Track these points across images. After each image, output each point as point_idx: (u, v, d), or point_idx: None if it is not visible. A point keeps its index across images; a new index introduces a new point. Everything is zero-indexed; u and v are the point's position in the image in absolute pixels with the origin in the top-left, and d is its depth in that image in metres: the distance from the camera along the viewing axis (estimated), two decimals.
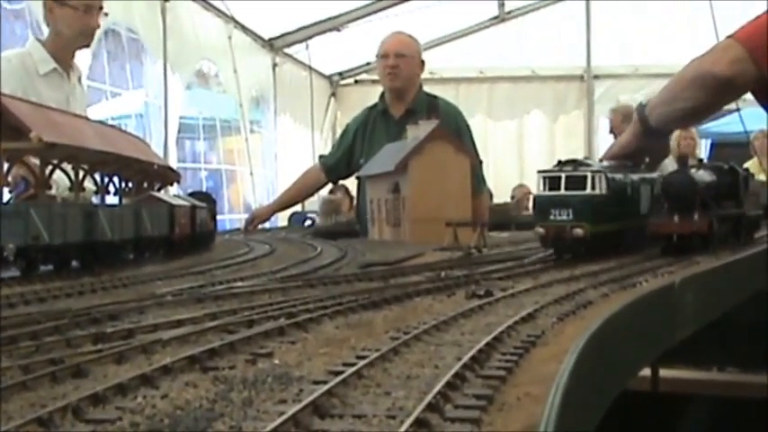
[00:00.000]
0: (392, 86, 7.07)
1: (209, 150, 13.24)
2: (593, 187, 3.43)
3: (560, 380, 1.54)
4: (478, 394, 1.49)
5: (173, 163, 8.57)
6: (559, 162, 3.50)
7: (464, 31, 15.72)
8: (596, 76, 15.96)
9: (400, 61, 6.98)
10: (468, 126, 7.20)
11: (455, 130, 6.57)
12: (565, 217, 3.39)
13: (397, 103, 7.07)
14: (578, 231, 3.39)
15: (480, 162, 6.78)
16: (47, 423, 1.33)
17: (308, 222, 10.50)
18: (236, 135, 12.99)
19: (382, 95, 7.24)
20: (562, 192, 3.39)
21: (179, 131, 10.93)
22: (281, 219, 10.28)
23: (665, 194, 3.74)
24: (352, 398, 1.49)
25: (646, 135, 4.23)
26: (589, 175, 3.42)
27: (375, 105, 7.29)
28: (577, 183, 3.39)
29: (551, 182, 3.41)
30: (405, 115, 6.78)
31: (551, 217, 3.41)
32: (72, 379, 1.66)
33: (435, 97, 7.27)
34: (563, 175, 3.41)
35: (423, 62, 7.26)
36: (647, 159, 4.36)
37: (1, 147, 3.30)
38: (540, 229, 3.48)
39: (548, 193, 3.42)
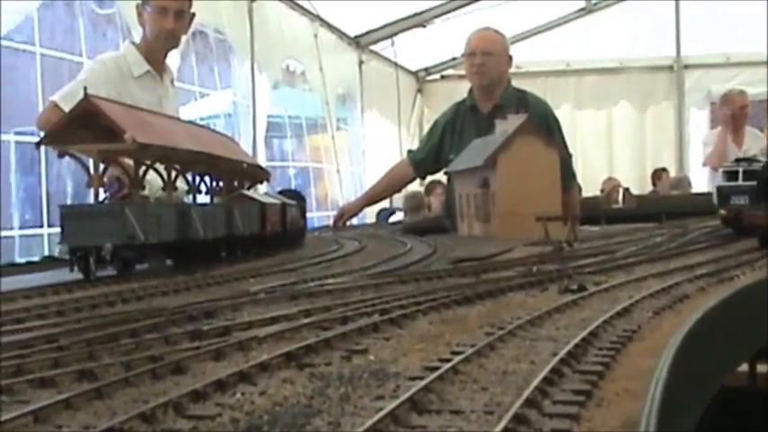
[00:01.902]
0: (479, 84, 7.03)
1: (297, 148, 13.31)
2: None
3: (660, 375, 1.51)
4: (576, 389, 1.47)
5: (261, 161, 8.63)
6: (737, 160, 4.27)
7: (550, 24, 15.59)
8: (686, 66, 15.69)
9: (487, 59, 6.93)
10: (557, 120, 7.13)
11: (544, 125, 6.51)
12: (742, 202, 4.12)
13: (484, 100, 7.02)
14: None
15: (570, 156, 6.72)
16: (149, 419, 1.35)
17: (394, 218, 10.52)
18: (323, 133, 13.05)
19: (470, 91, 7.20)
20: (739, 182, 4.11)
21: (267, 130, 11.02)
22: (369, 215, 10.31)
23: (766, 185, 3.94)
24: (449, 393, 1.48)
25: None
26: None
27: (463, 101, 7.25)
28: (751, 175, 4.10)
29: (730, 175, 4.16)
30: (493, 111, 6.73)
31: (731, 202, 4.15)
32: (172, 375, 1.69)
33: (524, 92, 7.21)
34: (740, 169, 4.12)
35: (510, 57, 7.19)
36: None
37: (97, 148, 3.37)
38: (723, 212, 4.23)
39: (728, 183, 4.16)
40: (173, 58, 6.78)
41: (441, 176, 8.58)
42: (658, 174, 13.67)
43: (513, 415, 1.29)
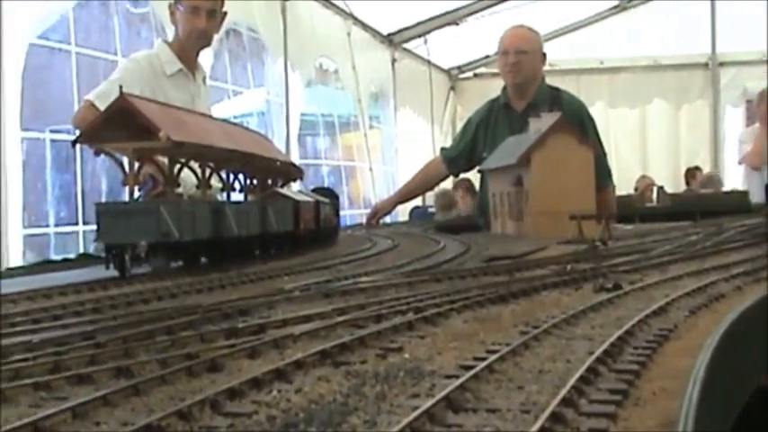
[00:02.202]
0: (513, 83, 7.01)
1: (330, 147, 13.34)
2: None
3: (697, 375, 1.50)
4: (613, 389, 1.47)
5: (294, 159, 8.65)
6: None
7: (584, 22, 15.54)
8: (721, 64, 15.59)
9: (521, 57, 6.90)
10: (591, 119, 7.09)
11: (578, 123, 6.48)
12: None
13: (518, 98, 7.00)
14: None
15: (604, 154, 6.70)
16: (187, 416, 1.36)
17: (423, 215, 10.51)
18: (355, 131, 13.08)
19: (504, 89, 7.18)
20: None
21: (300, 128, 11.05)
22: (402, 213, 10.31)
23: None
24: (484, 392, 1.48)
25: None
26: None
27: (497, 98, 7.23)
28: None
29: None
30: (527, 109, 6.71)
31: None
32: (208, 373, 1.70)
33: (558, 90, 7.17)
34: None
35: (544, 55, 7.17)
36: None
37: (132, 146, 3.39)
38: None
39: None
40: (206, 57, 6.81)
41: (468, 174, 8.58)
42: (692, 172, 13.58)
43: (549, 414, 1.28)
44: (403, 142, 13.95)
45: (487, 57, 15.24)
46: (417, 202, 11.15)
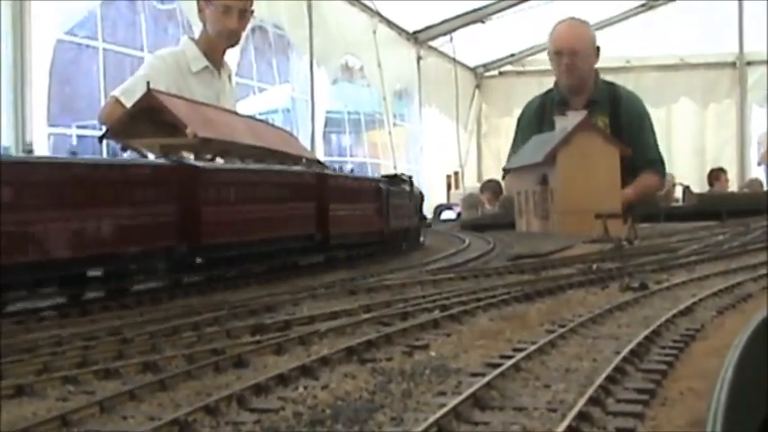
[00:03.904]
0: (570, 84, 6.85)
1: (355, 144, 13.34)
2: None
3: (725, 375, 1.50)
4: (640, 388, 1.46)
5: (320, 157, 8.65)
6: None
7: (610, 20, 15.44)
8: (749, 63, 15.47)
9: (575, 59, 6.75)
10: (648, 115, 7.02)
11: (636, 119, 6.45)
12: None
13: (576, 97, 6.80)
14: None
15: (656, 145, 6.80)
16: (213, 411, 1.36)
17: (446, 214, 10.49)
18: (380, 129, 13.07)
19: (556, 84, 7.04)
20: None
21: (325, 125, 11.06)
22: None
23: None
24: (511, 390, 1.48)
25: None
26: None
27: (549, 92, 7.07)
28: None
29: None
30: (586, 107, 6.57)
31: None
32: (234, 369, 1.70)
33: (614, 85, 7.03)
34: None
35: (598, 49, 6.95)
36: None
37: (159, 142, 3.40)
38: None
39: None
40: (232, 53, 6.81)
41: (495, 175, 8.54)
42: (715, 174, 13.30)
43: (577, 413, 1.28)
44: (428, 140, 13.93)
45: (513, 55, 15.21)
46: (442, 200, 11.17)
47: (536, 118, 6.97)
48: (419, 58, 13.70)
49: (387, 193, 4.22)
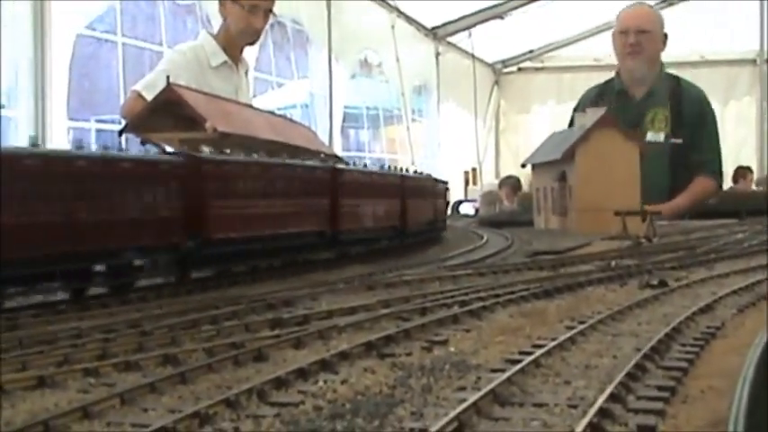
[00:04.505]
0: (633, 68, 6.65)
1: (373, 139, 13.33)
2: None
3: (746, 374, 1.49)
4: (660, 385, 1.46)
5: (338, 152, 8.65)
6: None
7: None
8: None
9: (642, 38, 6.59)
10: (712, 111, 6.87)
11: (698, 116, 6.33)
12: None
13: (636, 85, 6.67)
14: None
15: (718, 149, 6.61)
16: (234, 405, 1.36)
17: (466, 209, 10.48)
18: (398, 124, 13.05)
19: (617, 74, 6.91)
20: None
21: (343, 120, 11.05)
22: None
23: None
24: (531, 386, 1.48)
25: None
26: None
27: (609, 82, 6.93)
28: None
29: None
30: (646, 97, 6.46)
31: None
32: (253, 363, 1.70)
33: (677, 78, 6.85)
34: None
35: (665, 36, 6.82)
36: None
37: (178, 137, 3.41)
38: None
39: None
40: (251, 49, 6.82)
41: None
42: (742, 171, 13.17)
43: (597, 409, 1.27)
44: (446, 136, 13.90)
45: (531, 51, 15.16)
46: (460, 196, 11.16)
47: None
48: (438, 54, 13.68)
49: (405, 189, 4.24)
